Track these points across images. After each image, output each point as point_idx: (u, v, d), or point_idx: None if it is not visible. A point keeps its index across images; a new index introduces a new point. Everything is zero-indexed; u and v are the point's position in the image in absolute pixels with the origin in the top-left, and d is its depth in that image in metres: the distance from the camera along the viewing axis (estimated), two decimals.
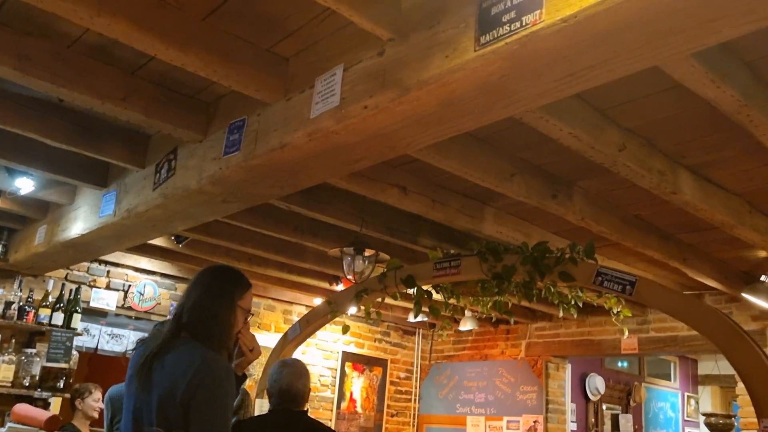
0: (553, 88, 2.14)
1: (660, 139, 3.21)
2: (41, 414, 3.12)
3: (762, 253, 4.83)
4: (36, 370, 5.07)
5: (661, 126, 3.10)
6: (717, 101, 2.55)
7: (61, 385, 5.07)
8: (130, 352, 2.34)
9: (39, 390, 5.00)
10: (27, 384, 5.00)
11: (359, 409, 7.59)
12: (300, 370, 2.98)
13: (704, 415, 6.61)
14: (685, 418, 9.45)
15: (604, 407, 8.22)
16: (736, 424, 6.34)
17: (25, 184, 4.14)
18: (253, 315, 2.40)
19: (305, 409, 2.97)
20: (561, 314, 4.52)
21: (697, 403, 9.51)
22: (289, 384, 2.91)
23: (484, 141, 3.39)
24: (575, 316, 4.65)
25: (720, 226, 3.89)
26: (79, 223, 4.29)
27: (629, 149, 3.07)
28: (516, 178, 3.55)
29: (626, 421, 8.41)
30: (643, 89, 2.78)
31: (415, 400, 8.17)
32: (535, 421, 6.97)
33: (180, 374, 2.04)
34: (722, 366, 7.58)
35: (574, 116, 2.82)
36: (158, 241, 5.02)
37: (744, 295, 5.36)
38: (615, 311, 4.46)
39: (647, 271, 5.22)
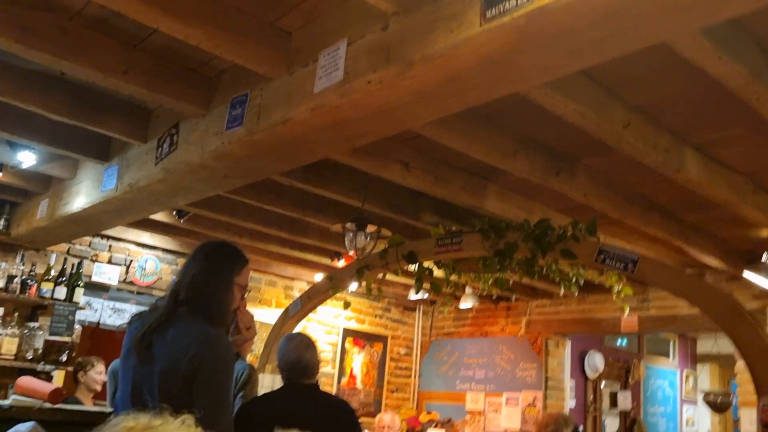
0: (560, 63, 2.12)
1: (666, 116, 3.19)
2: (45, 386, 3.13)
3: (764, 232, 4.83)
4: (39, 344, 5.10)
5: (667, 103, 3.07)
6: (724, 78, 2.52)
7: (64, 359, 5.10)
8: (125, 325, 2.35)
9: (42, 363, 5.04)
10: (30, 357, 5.03)
11: (359, 385, 7.65)
12: (306, 342, 2.99)
13: (703, 392, 6.66)
14: (683, 396, 9.53)
15: (602, 384, 8.28)
16: (734, 402, 6.39)
17: (27, 158, 4.13)
18: (250, 291, 2.39)
19: (316, 381, 2.99)
20: (562, 292, 4.54)
21: (695, 380, 9.57)
22: (299, 357, 2.93)
23: (488, 117, 3.37)
24: (576, 293, 4.66)
25: (723, 204, 3.88)
26: (81, 198, 4.28)
27: (634, 126, 3.05)
28: (519, 155, 3.53)
29: (624, 399, 8.48)
30: (649, 66, 2.76)
31: (415, 376, 8.23)
32: (534, 398, 7.02)
33: (182, 349, 2.05)
34: (721, 344, 7.61)
35: (580, 92, 2.80)
36: (160, 216, 5.02)
37: (745, 273, 5.36)
38: (616, 289, 4.47)
39: (649, 250, 5.22)
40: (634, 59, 2.51)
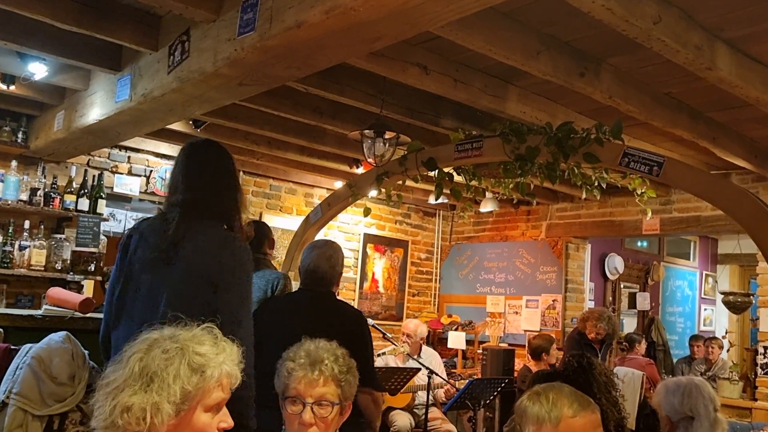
0: None
1: (698, 10, 3.02)
2: (75, 297, 3.22)
3: None
4: (67, 255, 5.21)
5: None
6: None
7: (92, 269, 5.21)
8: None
9: (71, 273, 5.16)
10: (59, 267, 5.15)
11: (381, 289, 7.79)
12: (328, 253, 2.99)
13: (722, 293, 6.69)
14: (702, 296, 9.61)
15: (622, 286, 8.36)
16: (754, 302, 6.41)
17: (38, 69, 4.07)
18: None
19: (333, 291, 3.01)
20: (584, 196, 4.49)
21: (715, 281, 9.63)
22: (316, 265, 2.95)
23: (510, 16, 3.22)
24: (598, 197, 4.61)
25: (754, 103, 3.74)
26: (96, 109, 4.24)
27: (665, 22, 2.89)
28: (543, 56, 3.39)
29: (643, 299, 8.58)
30: None
31: (435, 280, 8.36)
32: (554, 300, 7.12)
33: (209, 258, 2.08)
34: (744, 245, 7.57)
35: None
36: (177, 126, 4.97)
37: None
38: (639, 192, 4.41)
39: (674, 151, 5.11)
40: None
